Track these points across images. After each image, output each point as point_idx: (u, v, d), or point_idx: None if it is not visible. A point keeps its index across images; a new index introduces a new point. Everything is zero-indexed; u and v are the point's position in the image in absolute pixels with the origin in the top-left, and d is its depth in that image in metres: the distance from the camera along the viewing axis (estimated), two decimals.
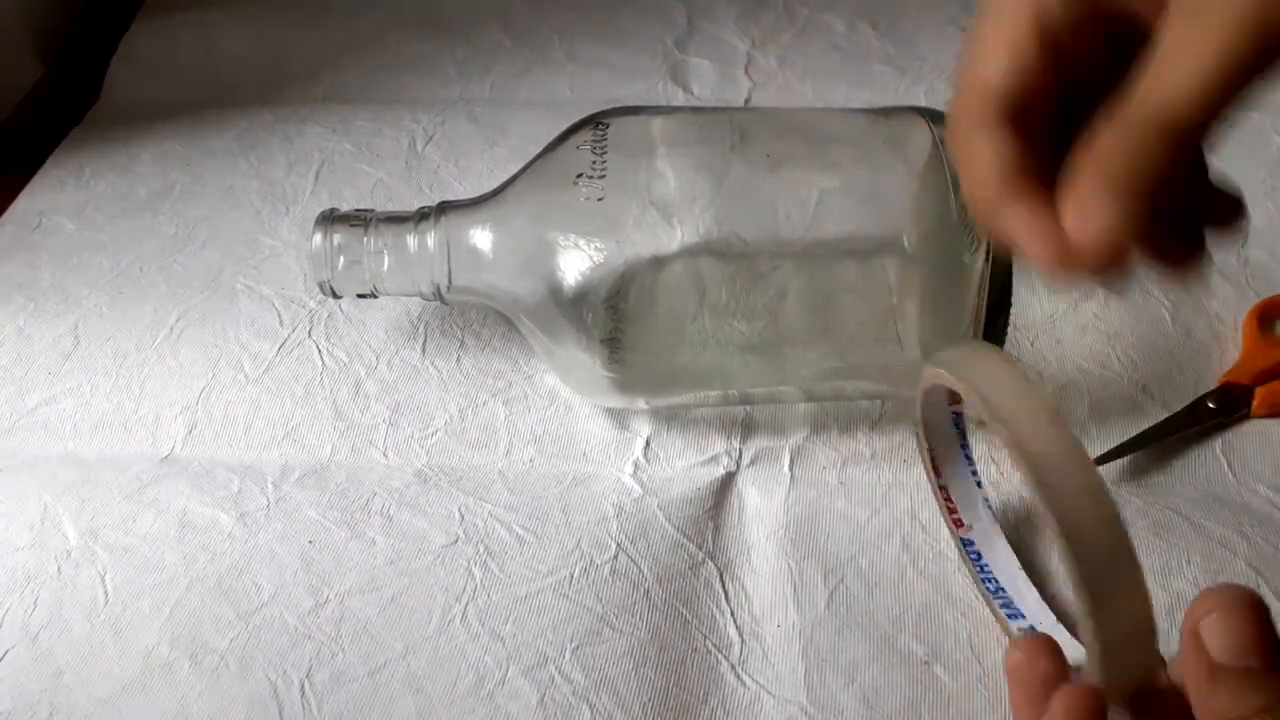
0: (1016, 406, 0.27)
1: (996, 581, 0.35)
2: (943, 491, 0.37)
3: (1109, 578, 0.25)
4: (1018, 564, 0.36)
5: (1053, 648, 0.30)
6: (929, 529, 0.37)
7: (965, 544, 0.36)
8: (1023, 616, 0.34)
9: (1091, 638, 0.26)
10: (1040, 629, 0.34)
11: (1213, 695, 0.25)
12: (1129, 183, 0.23)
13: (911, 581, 0.36)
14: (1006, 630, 0.34)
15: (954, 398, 0.35)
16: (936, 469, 0.36)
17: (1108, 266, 0.23)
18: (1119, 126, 0.23)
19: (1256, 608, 0.25)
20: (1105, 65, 0.25)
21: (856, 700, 0.33)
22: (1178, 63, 0.23)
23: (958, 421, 0.36)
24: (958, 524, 0.36)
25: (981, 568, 0.36)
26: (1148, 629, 0.26)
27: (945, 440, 0.36)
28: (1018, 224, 0.25)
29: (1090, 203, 0.23)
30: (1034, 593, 0.35)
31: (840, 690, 0.33)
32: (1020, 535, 0.37)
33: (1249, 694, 0.24)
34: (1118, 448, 0.39)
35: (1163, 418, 0.40)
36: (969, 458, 0.37)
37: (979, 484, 0.37)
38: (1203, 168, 0.26)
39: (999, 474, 0.39)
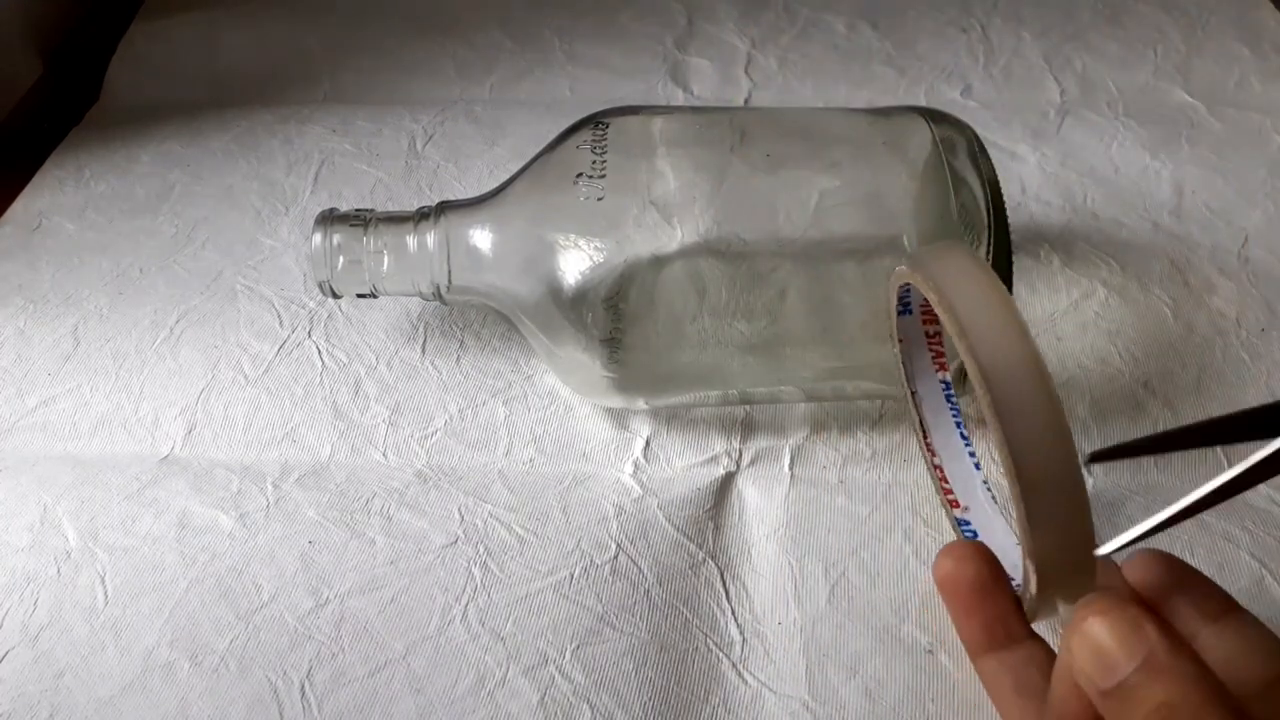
0: (980, 316, 0.26)
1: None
2: (938, 470, 0.36)
3: (1056, 513, 0.25)
4: (1015, 541, 0.35)
5: (983, 553, 0.29)
6: (931, 522, 0.37)
7: (961, 524, 0.36)
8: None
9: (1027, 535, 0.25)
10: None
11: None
12: None
13: (914, 571, 0.36)
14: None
15: (938, 360, 0.34)
16: (930, 447, 0.36)
17: None
18: None
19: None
20: None
21: (859, 693, 0.33)
22: None
23: (949, 395, 0.35)
24: (953, 504, 0.36)
25: None
26: (1088, 546, 0.26)
27: (936, 410, 0.36)
28: None
29: None
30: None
31: (843, 684, 0.33)
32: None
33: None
34: (1119, 449, 0.39)
35: (1169, 428, 0.40)
36: (964, 437, 0.36)
37: (976, 465, 0.36)
38: None
39: (1000, 476, 0.39)
